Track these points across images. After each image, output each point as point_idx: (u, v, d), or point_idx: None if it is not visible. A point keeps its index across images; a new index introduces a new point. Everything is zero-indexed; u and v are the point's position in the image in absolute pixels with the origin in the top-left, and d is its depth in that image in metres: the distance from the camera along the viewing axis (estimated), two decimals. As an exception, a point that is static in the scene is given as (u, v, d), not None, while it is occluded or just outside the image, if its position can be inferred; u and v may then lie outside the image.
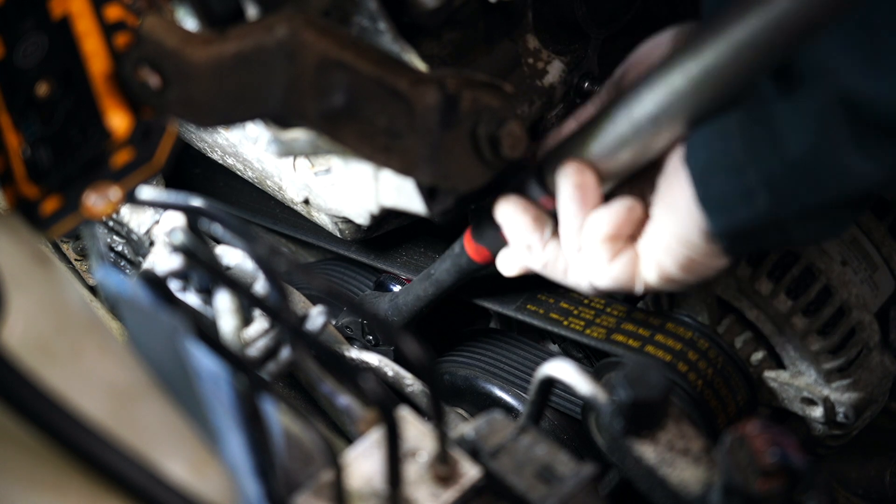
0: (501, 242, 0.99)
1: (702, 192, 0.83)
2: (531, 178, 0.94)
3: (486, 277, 1.19)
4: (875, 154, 0.79)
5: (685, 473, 0.78)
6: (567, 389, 0.84)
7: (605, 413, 0.80)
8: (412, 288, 1.14)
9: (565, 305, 1.13)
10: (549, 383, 0.84)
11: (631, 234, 0.90)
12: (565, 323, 1.11)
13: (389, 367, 1.11)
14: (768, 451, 0.72)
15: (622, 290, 0.92)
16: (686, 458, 0.79)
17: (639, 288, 0.91)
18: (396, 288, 1.24)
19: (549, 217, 0.94)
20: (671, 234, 0.87)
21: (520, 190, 0.95)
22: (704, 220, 0.84)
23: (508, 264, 1.00)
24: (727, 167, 0.82)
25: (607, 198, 0.91)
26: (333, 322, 1.21)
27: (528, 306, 1.14)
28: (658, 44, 0.92)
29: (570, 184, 0.89)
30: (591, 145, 0.89)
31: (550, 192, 0.92)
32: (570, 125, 0.95)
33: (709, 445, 0.79)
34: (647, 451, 0.79)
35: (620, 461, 0.81)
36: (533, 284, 1.16)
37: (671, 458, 0.79)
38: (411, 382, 1.09)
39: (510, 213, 0.94)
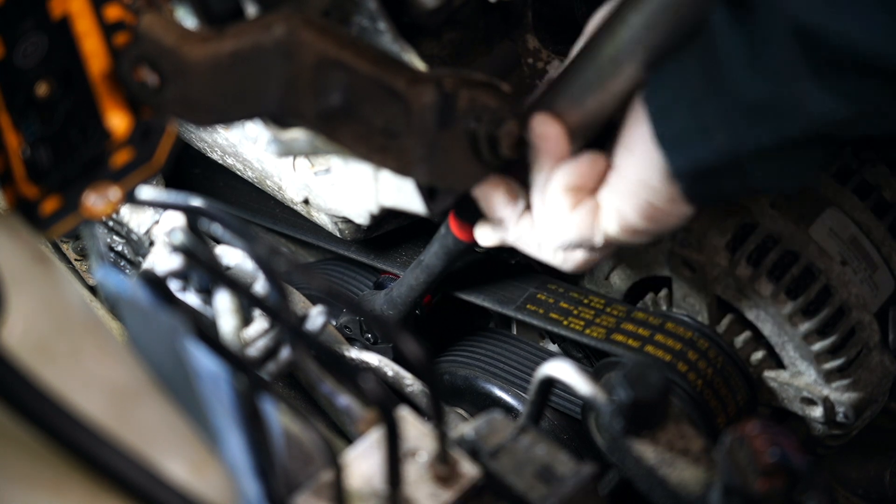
0: (481, 216, 0.98)
1: (660, 129, 0.82)
2: None
3: (485, 277, 1.19)
4: (834, 89, 0.77)
5: (685, 473, 0.78)
6: (567, 389, 0.84)
7: (604, 413, 0.80)
8: (404, 279, 1.14)
9: (565, 305, 1.13)
10: (549, 383, 0.84)
11: (595, 185, 0.89)
12: (565, 323, 1.11)
13: (389, 367, 1.11)
14: (768, 451, 0.72)
15: (584, 242, 0.91)
16: (686, 458, 0.79)
17: (598, 239, 0.90)
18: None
19: (522, 190, 0.93)
20: (630, 179, 0.86)
21: None
22: (663, 158, 0.83)
23: (485, 236, 0.99)
24: (684, 104, 0.81)
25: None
26: (333, 322, 1.21)
27: (528, 306, 1.14)
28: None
29: (537, 135, 0.88)
30: (556, 97, 0.89)
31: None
32: (544, 86, 0.94)
33: (708, 445, 0.79)
34: (647, 451, 0.79)
35: (620, 461, 0.81)
36: (533, 284, 1.17)
37: (671, 458, 0.79)
38: (411, 382, 1.09)
39: (485, 188, 0.94)
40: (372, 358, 1.11)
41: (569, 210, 0.89)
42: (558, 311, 1.13)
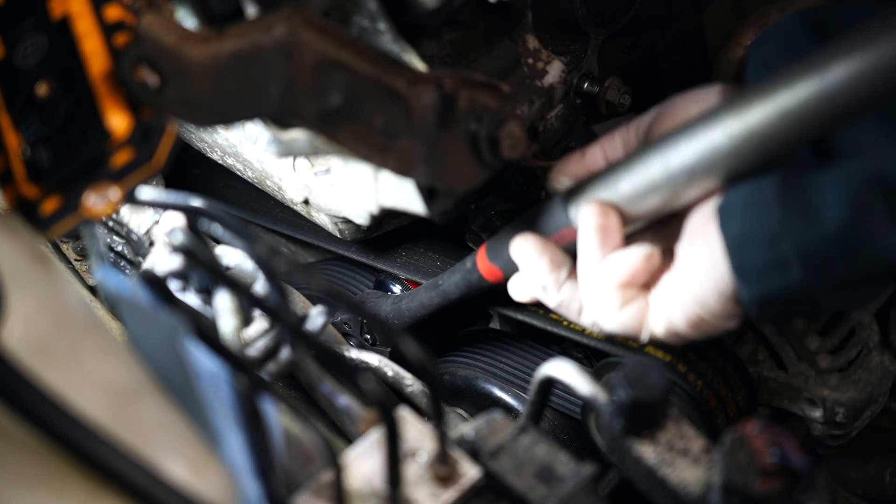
0: (516, 267, 0.98)
1: (736, 260, 0.83)
2: (556, 208, 0.94)
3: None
4: None
5: (685, 473, 0.78)
6: (567, 389, 0.84)
7: (605, 413, 0.80)
8: (417, 294, 1.13)
9: None
10: (549, 383, 0.84)
11: (645, 280, 0.90)
12: (565, 323, 1.11)
13: (389, 367, 1.10)
14: (768, 451, 0.72)
15: (627, 336, 0.93)
16: (686, 459, 0.79)
17: (644, 337, 0.91)
18: (396, 288, 1.24)
19: (566, 257, 0.94)
20: (688, 294, 0.87)
21: (543, 217, 0.95)
22: (736, 286, 0.84)
23: (520, 292, 0.99)
24: (763, 238, 0.82)
25: (629, 238, 0.91)
26: (331, 319, 1.21)
27: (529, 306, 1.14)
28: (696, 97, 0.91)
29: (592, 225, 0.89)
30: (619, 187, 0.88)
31: (574, 224, 0.92)
32: (596, 156, 0.94)
33: (708, 445, 0.79)
34: (647, 451, 0.79)
35: (620, 461, 0.81)
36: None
37: (671, 459, 0.79)
38: (411, 382, 1.09)
39: (528, 253, 0.94)
40: (372, 358, 1.11)
41: (618, 308, 0.90)
42: None
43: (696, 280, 0.86)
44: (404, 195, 0.96)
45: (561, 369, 0.82)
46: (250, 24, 0.77)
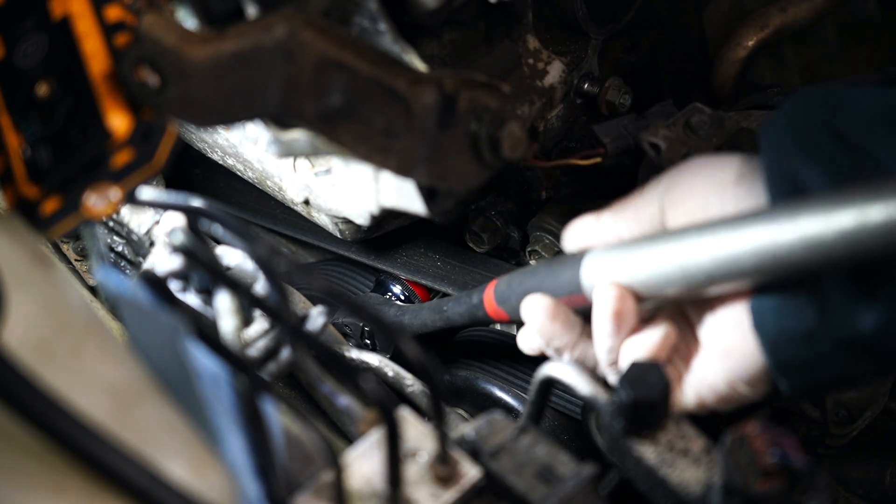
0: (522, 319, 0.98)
1: (775, 359, 0.83)
2: (570, 270, 0.92)
3: (486, 278, 1.19)
4: None
5: (685, 474, 0.78)
6: (567, 390, 0.84)
7: (605, 413, 0.80)
8: (421, 313, 1.13)
9: None
10: (549, 383, 0.84)
11: (668, 358, 0.90)
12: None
13: (389, 368, 1.10)
14: (768, 452, 0.72)
15: None
16: (686, 459, 0.79)
17: (676, 411, 0.90)
18: (397, 289, 1.24)
19: (577, 319, 0.93)
20: (720, 378, 0.87)
21: (556, 276, 0.94)
22: (776, 380, 0.84)
23: (529, 346, 0.99)
24: (800, 338, 0.81)
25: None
26: (332, 320, 1.21)
27: None
28: (712, 174, 0.87)
29: (609, 310, 0.88)
30: (635, 272, 0.87)
31: (587, 293, 0.91)
32: (608, 226, 0.92)
33: (709, 446, 0.79)
34: (648, 452, 0.79)
35: (621, 461, 0.81)
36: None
37: (671, 459, 0.79)
38: (411, 382, 1.09)
39: (540, 315, 0.93)
40: (372, 358, 1.11)
41: None
42: None
43: (730, 369, 0.86)
44: (405, 195, 0.96)
45: (561, 369, 0.82)
46: (251, 25, 0.77)
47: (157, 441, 0.67)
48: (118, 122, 0.73)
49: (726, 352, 0.87)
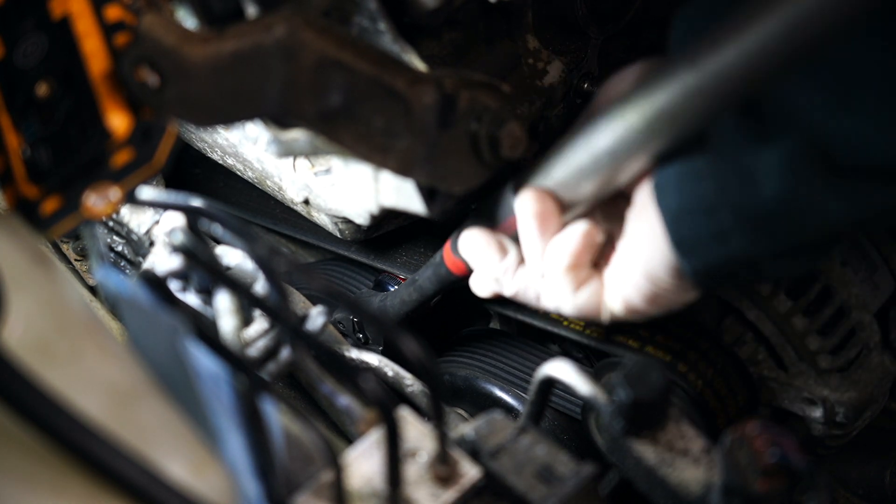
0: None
1: (675, 234, 0.83)
2: (504, 197, 0.94)
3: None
4: (848, 194, 0.78)
5: (685, 474, 0.78)
6: (567, 389, 0.84)
7: (605, 413, 0.80)
8: (399, 292, 1.14)
9: None
10: (549, 383, 0.84)
11: (593, 260, 0.90)
12: (565, 323, 1.11)
13: (389, 368, 1.11)
14: (768, 452, 0.72)
15: (587, 318, 0.92)
16: (686, 459, 0.79)
17: (605, 317, 0.91)
18: (395, 288, 1.24)
19: (514, 245, 0.93)
20: (638, 270, 0.87)
21: (494, 207, 0.95)
22: (677, 260, 0.84)
23: (480, 287, 0.99)
24: (699, 209, 0.81)
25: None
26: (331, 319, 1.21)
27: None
28: (624, 76, 0.91)
29: (529, 212, 0.89)
30: (553, 172, 0.89)
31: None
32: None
33: (709, 446, 0.79)
34: (647, 452, 0.79)
35: (620, 461, 0.81)
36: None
37: (671, 459, 0.79)
38: (411, 382, 1.09)
39: (475, 247, 0.94)
40: (372, 358, 1.11)
41: (572, 291, 0.90)
42: None
43: (643, 257, 0.86)
44: (404, 195, 0.96)
45: (561, 369, 0.82)
46: (251, 25, 0.77)
47: (156, 441, 0.67)
48: (118, 121, 0.73)
49: (639, 242, 0.86)
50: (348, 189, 1.07)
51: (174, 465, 0.66)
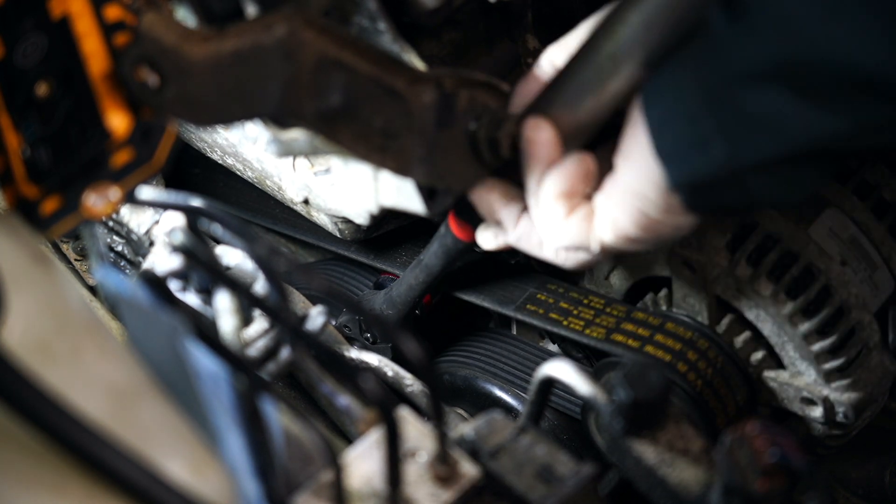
0: (481, 217, 0.98)
1: (657, 142, 0.81)
2: None
3: (485, 277, 1.19)
4: (835, 108, 0.77)
5: (685, 473, 0.78)
6: (567, 389, 0.84)
7: (604, 413, 0.80)
8: (404, 278, 1.14)
9: (565, 305, 1.13)
10: (549, 383, 0.84)
11: (588, 190, 0.88)
12: (565, 323, 1.11)
13: (389, 368, 1.11)
14: (768, 451, 0.72)
15: (580, 248, 0.89)
16: (686, 459, 0.79)
17: (594, 247, 0.89)
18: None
19: (518, 191, 0.92)
20: (626, 189, 0.85)
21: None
22: (660, 171, 0.82)
23: (487, 239, 0.98)
24: (682, 116, 0.80)
25: None
26: (332, 322, 1.21)
27: (528, 306, 1.14)
28: None
29: (526, 140, 0.87)
30: (551, 99, 0.87)
31: None
32: (544, 69, 0.91)
33: (708, 445, 0.79)
34: (647, 452, 0.79)
35: (620, 461, 0.81)
36: (533, 284, 1.17)
37: (671, 459, 0.79)
38: (411, 382, 1.09)
39: (480, 195, 0.93)
40: (372, 358, 1.11)
41: (563, 217, 0.88)
42: (558, 311, 1.13)
43: (631, 173, 0.84)
44: (404, 195, 0.96)
45: (560, 369, 0.82)
46: (251, 24, 0.77)
47: (156, 441, 0.67)
48: (118, 121, 0.73)
49: (627, 159, 0.84)
50: (348, 189, 1.07)
51: (174, 465, 0.66)
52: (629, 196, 0.85)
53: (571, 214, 0.88)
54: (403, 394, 1.11)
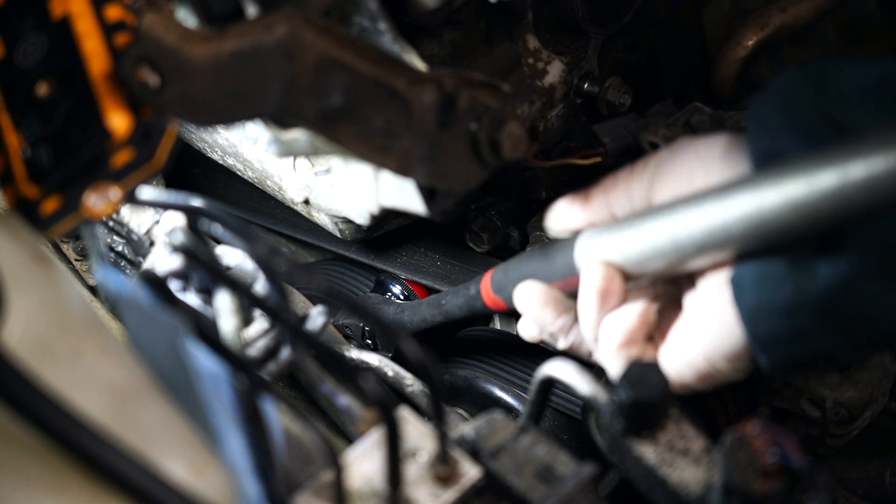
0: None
1: (753, 331, 0.82)
2: (563, 254, 0.92)
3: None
4: None
5: (685, 473, 0.78)
6: (567, 389, 0.84)
7: (605, 413, 0.80)
8: (420, 309, 1.13)
9: None
10: (549, 383, 0.84)
11: (647, 336, 0.90)
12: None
13: (389, 368, 1.10)
14: (768, 452, 0.72)
15: None
16: (686, 459, 0.79)
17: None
18: (396, 289, 1.24)
19: (571, 304, 0.93)
20: (699, 353, 0.86)
21: (549, 261, 0.94)
22: (747, 349, 0.84)
23: (528, 334, 0.98)
24: (778, 310, 0.81)
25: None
26: (332, 321, 1.21)
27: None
28: (700, 152, 0.88)
29: (593, 287, 0.88)
30: (626, 249, 0.87)
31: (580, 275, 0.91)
32: (600, 204, 0.92)
33: (709, 445, 0.79)
34: (647, 452, 0.79)
35: (620, 461, 0.81)
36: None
37: (671, 459, 0.79)
38: (411, 382, 1.09)
39: (532, 302, 0.93)
40: (372, 358, 1.11)
41: (621, 362, 0.89)
42: None
43: (707, 342, 0.86)
44: (404, 195, 0.96)
45: (561, 369, 0.82)
46: (251, 24, 0.77)
47: (156, 441, 0.67)
48: (118, 121, 0.73)
49: (706, 326, 0.86)
50: (348, 189, 1.07)
51: (174, 465, 0.66)
52: (701, 360, 0.86)
53: (630, 358, 0.89)
54: (404, 394, 1.11)
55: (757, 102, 0.83)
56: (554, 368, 0.82)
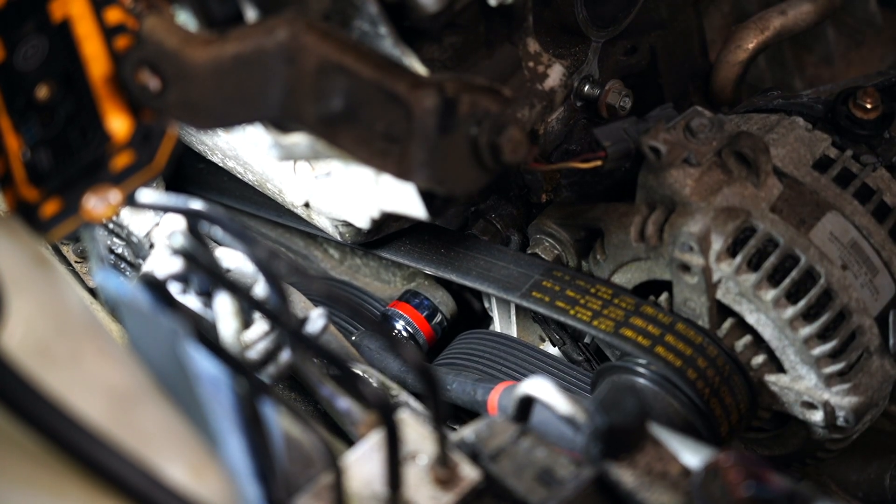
0: None
1: None
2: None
3: (489, 265, 1.17)
4: None
5: (664, 497, 0.77)
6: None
7: (582, 436, 0.79)
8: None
9: (571, 294, 1.09)
10: (528, 402, 0.82)
11: None
12: (572, 312, 1.09)
13: (374, 377, 1.09)
14: (742, 485, 0.70)
15: None
16: (664, 482, 0.77)
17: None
18: (399, 324, 1.24)
19: None
20: None
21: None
22: None
23: None
24: None
25: None
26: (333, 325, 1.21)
27: (534, 293, 1.12)
28: None
29: None
30: None
31: None
32: None
33: (687, 469, 0.78)
34: (626, 475, 0.78)
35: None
36: (538, 271, 1.14)
37: (649, 482, 0.77)
38: (396, 393, 1.08)
39: None
40: (358, 368, 1.10)
41: None
42: (564, 299, 1.10)
43: None
44: (405, 199, 0.96)
45: (540, 388, 0.80)
46: (252, 28, 0.77)
47: (156, 444, 0.67)
48: (118, 124, 0.73)
49: None
50: (349, 192, 1.07)
51: (174, 469, 0.66)
52: None
53: None
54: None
55: None
56: (533, 387, 0.81)
